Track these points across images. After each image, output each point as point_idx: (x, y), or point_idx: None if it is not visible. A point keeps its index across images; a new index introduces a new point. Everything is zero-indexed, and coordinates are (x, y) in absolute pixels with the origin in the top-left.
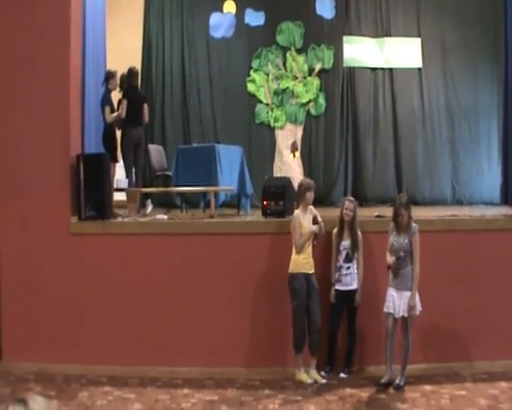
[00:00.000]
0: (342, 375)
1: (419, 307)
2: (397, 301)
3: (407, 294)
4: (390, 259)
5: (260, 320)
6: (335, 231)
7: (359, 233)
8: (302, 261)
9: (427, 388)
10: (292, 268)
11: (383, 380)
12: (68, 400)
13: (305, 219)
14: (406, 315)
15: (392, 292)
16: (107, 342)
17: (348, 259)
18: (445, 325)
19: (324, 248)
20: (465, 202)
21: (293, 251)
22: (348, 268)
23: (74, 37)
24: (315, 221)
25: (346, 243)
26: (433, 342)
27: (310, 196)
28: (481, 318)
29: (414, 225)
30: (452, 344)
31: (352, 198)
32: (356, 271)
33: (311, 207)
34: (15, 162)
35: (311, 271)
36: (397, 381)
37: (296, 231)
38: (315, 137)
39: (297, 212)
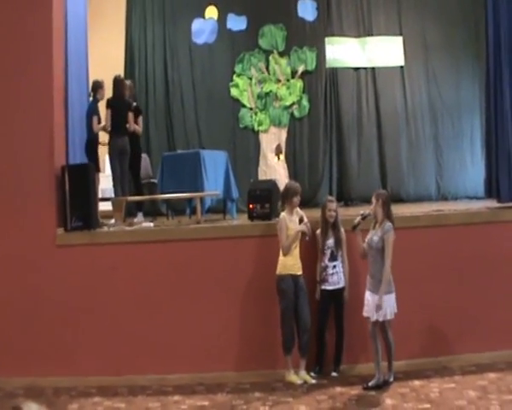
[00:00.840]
0: (334, 374)
1: (393, 310)
2: (371, 305)
3: (375, 297)
4: (356, 219)
5: (249, 323)
6: (318, 231)
7: (342, 231)
8: (289, 263)
9: (417, 383)
10: (279, 270)
11: (371, 383)
12: None
13: (291, 221)
14: (381, 319)
15: (367, 296)
16: (96, 353)
17: (333, 257)
18: (433, 320)
19: (310, 249)
20: (450, 198)
21: (281, 253)
22: (334, 267)
23: (56, 46)
24: (301, 223)
25: (329, 241)
26: (421, 338)
27: (296, 200)
28: (468, 311)
29: (388, 224)
30: (440, 339)
31: (332, 198)
32: (342, 269)
33: (298, 208)
34: (0, 174)
35: (299, 272)
36: (385, 377)
37: (282, 233)
38: (299, 139)
39: (283, 214)
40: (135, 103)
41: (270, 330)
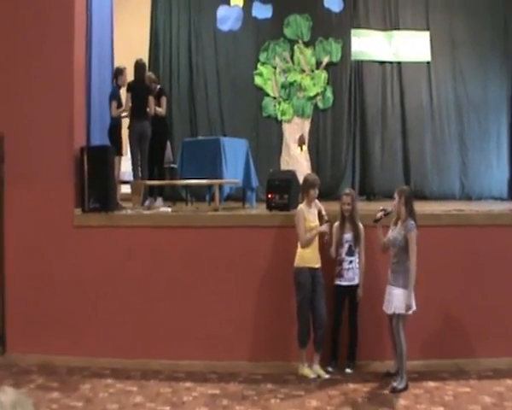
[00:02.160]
0: (348, 370)
1: (413, 307)
2: (388, 297)
3: (397, 291)
4: (378, 213)
5: (264, 314)
6: (337, 224)
7: (361, 226)
8: (307, 256)
9: (431, 384)
10: (297, 262)
11: (392, 370)
12: (70, 391)
13: (309, 213)
14: (390, 312)
15: (387, 289)
16: (110, 335)
17: (351, 252)
18: (451, 321)
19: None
20: (474, 198)
21: (299, 245)
22: (351, 262)
23: (78, 30)
24: (320, 215)
25: (347, 235)
26: (438, 338)
27: (314, 193)
28: (487, 314)
29: (411, 222)
30: (457, 340)
31: (348, 191)
32: (358, 265)
33: (316, 201)
34: (20, 155)
35: (317, 265)
36: (394, 384)
37: (300, 225)
38: (322, 131)
39: (301, 206)
40: (158, 85)
41: (285, 322)
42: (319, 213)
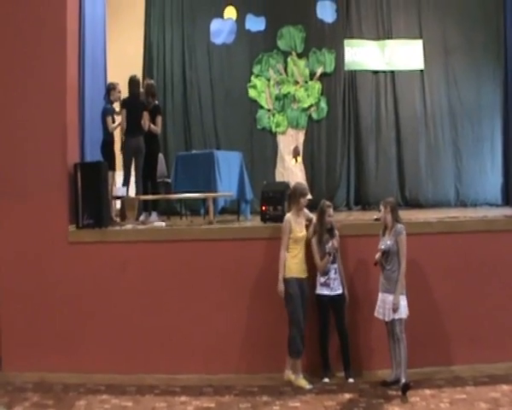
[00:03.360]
0: (351, 380)
1: (405, 312)
2: (382, 305)
3: (391, 297)
4: (377, 255)
5: (259, 326)
6: (315, 239)
7: (337, 234)
8: (295, 267)
9: (427, 392)
10: (285, 273)
11: (389, 379)
12: (66, 408)
13: (297, 223)
14: (388, 319)
15: (380, 296)
16: (105, 350)
17: (333, 261)
18: (446, 328)
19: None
20: (469, 204)
21: (284, 255)
22: (335, 272)
23: (71, 45)
24: (308, 225)
25: (328, 246)
26: (434, 346)
27: (304, 201)
28: (482, 320)
29: (399, 226)
30: (453, 347)
31: (329, 203)
32: (338, 274)
33: (306, 210)
34: (13, 170)
35: (304, 275)
36: (403, 380)
37: (285, 234)
38: (317, 142)
39: (288, 215)
40: (156, 102)
41: (280, 334)
42: (309, 222)
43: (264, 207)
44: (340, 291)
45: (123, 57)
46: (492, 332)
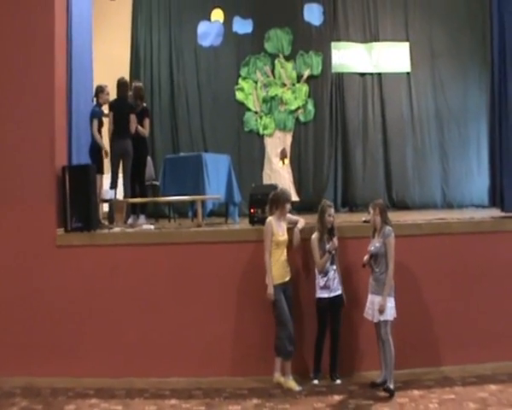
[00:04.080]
0: (338, 381)
1: (392, 313)
2: (371, 307)
3: (379, 299)
4: (365, 257)
5: (248, 328)
6: (316, 236)
7: (337, 236)
8: (277, 272)
9: (416, 392)
10: (267, 280)
11: (377, 380)
12: None
13: (279, 226)
14: (376, 320)
15: (370, 298)
16: (94, 354)
17: (332, 261)
18: (434, 329)
19: (302, 254)
20: (455, 206)
21: (268, 258)
22: (334, 271)
23: (58, 48)
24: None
25: (329, 245)
26: (422, 347)
27: (289, 207)
28: (470, 321)
29: (388, 228)
30: (441, 348)
31: (331, 203)
32: (337, 275)
33: (289, 215)
34: (1, 174)
35: (287, 277)
36: (387, 383)
37: (268, 237)
38: (304, 144)
39: (270, 219)
40: (144, 104)
41: (269, 336)
42: (293, 224)
43: (252, 210)
44: (339, 292)
45: (110, 59)
46: (480, 333)
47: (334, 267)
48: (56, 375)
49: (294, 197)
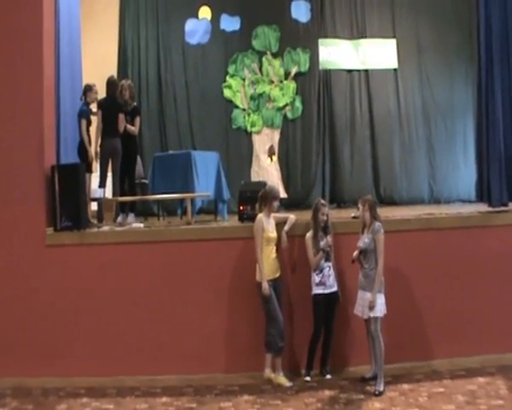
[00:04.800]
0: (329, 376)
1: (382, 310)
2: (361, 303)
3: (369, 295)
4: (354, 253)
5: (238, 325)
6: (310, 234)
7: (331, 233)
8: (267, 268)
9: (406, 386)
10: (258, 277)
11: (367, 375)
12: None
13: (268, 223)
14: (365, 317)
15: (360, 294)
16: (85, 353)
17: (327, 259)
18: (423, 324)
19: (298, 251)
20: (442, 201)
21: (260, 255)
22: (329, 268)
23: (47, 46)
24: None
25: (322, 243)
26: (411, 341)
27: (276, 204)
28: (458, 315)
29: (377, 224)
30: (430, 342)
31: (324, 201)
32: (333, 271)
33: (277, 214)
34: None
35: (278, 274)
36: (375, 387)
37: (259, 234)
38: (292, 141)
39: (260, 216)
40: (134, 103)
41: (260, 333)
42: (282, 223)
43: (242, 207)
44: (335, 288)
45: (97, 57)
46: (468, 327)
47: (330, 264)
48: (47, 375)
49: (283, 194)
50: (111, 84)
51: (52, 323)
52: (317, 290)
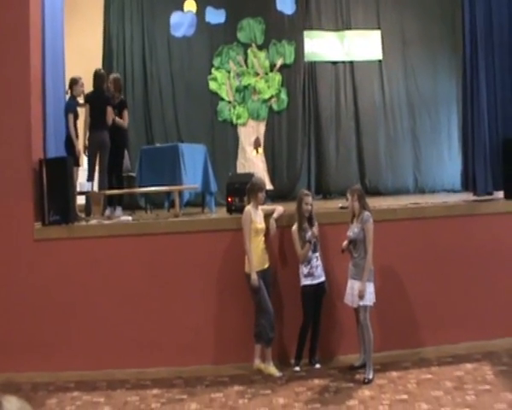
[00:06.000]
0: (318, 365)
1: (372, 299)
2: (351, 292)
3: (359, 284)
4: (344, 243)
5: (227, 316)
6: (296, 227)
7: (317, 224)
8: (255, 260)
9: (394, 374)
10: (247, 268)
11: (356, 364)
12: (36, 408)
13: (256, 215)
14: (355, 305)
15: (350, 284)
16: (74, 348)
17: (315, 249)
18: (410, 312)
19: (285, 244)
20: (427, 191)
21: (249, 246)
22: (317, 259)
23: (34, 39)
24: (266, 218)
25: (308, 234)
26: (399, 329)
27: (262, 196)
28: (445, 303)
29: (366, 213)
30: (418, 330)
31: (307, 191)
32: (320, 261)
33: (264, 206)
34: None
35: (266, 265)
36: (365, 375)
37: (247, 225)
38: (278, 133)
39: (248, 207)
40: (122, 97)
41: (249, 324)
42: (267, 215)
43: (230, 199)
44: (323, 278)
45: (82, 50)
46: (455, 314)
47: (317, 255)
48: (36, 370)
49: (269, 186)
50: (98, 77)
51: (40, 317)
52: (305, 282)
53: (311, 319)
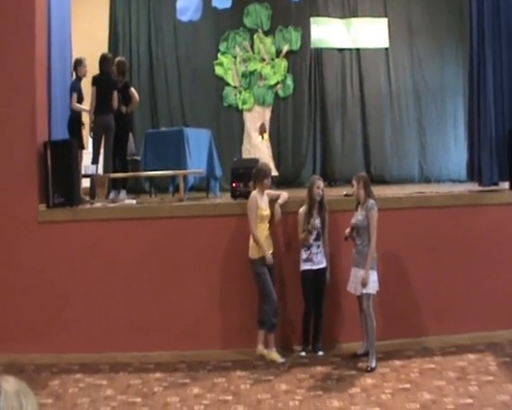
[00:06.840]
0: (321, 353)
1: (375, 287)
2: (354, 280)
3: (362, 272)
4: (347, 230)
5: (231, 301)
6: (303, 210)
7: (327, 211)
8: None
9: (397, 363)
10: (251, 254)
11: (359, 352)
12: (39, 389)
13: (262, 200)
14: (358, 293)
15: (353, 271)
16: (77, 330)
17: (318, 237)
18: (414, 301)
19: (291, 227)
20: (433, 180)
21: (256, 231)
22: (318, 247)
23: (39, 22)
24: (271, 203)
25: (316, 221)
26: (403, 318)
27: (267, 182)
28: (449, 292)
29: (371, 201)
30: (421, 319)
31: (319, 177)
32: (322, 248)
33: (270, 191)
34: None
35: (270, 251)
36: (367, 363)
37: (252, 212)
38: (283, 119)
39: (254, 193)
40: (125, 79)
41: (252, 309)
42: (275, 200)
43: (234, 184)
44: (323, 265)
45: (88, 34)
46: (459, 304)
47: (319, 243)
48: (39, 351)
49: (274, 172)
50: (105, 60)
51: (44, 299)
52: (304, 267)
53: (312, 305)
